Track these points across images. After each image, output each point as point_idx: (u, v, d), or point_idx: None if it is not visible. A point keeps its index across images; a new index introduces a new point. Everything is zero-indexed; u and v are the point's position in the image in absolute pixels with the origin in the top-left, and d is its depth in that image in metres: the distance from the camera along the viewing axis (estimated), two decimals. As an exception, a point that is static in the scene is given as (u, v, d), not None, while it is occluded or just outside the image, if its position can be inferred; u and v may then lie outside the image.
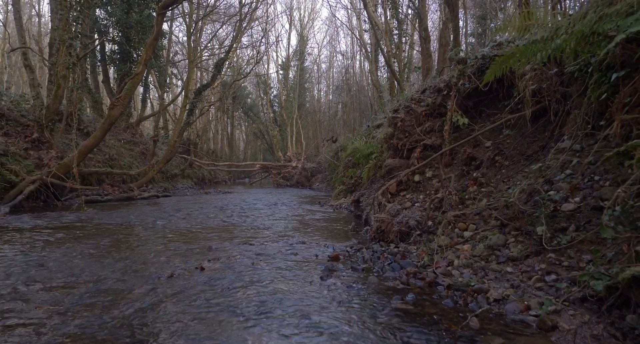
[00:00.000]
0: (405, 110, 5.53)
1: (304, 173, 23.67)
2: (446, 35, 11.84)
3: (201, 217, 6.75)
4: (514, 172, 3.78)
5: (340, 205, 8.93)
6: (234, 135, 43.97)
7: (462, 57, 4.32)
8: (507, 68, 2.74)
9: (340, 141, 21.58)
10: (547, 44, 2.35)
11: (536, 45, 2.41)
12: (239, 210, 8.02)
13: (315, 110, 34.21)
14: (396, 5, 15.91)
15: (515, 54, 2.59)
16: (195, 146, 23.80)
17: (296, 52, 32.17)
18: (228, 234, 4.87)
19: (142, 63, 8.31)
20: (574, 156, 3.02)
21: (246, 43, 28.56)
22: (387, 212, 4.49)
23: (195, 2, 13.84)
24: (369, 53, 18.63)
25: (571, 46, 2.33)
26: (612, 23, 2.09)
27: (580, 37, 2.23)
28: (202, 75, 27.58)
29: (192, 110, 15.49)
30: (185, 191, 15.37)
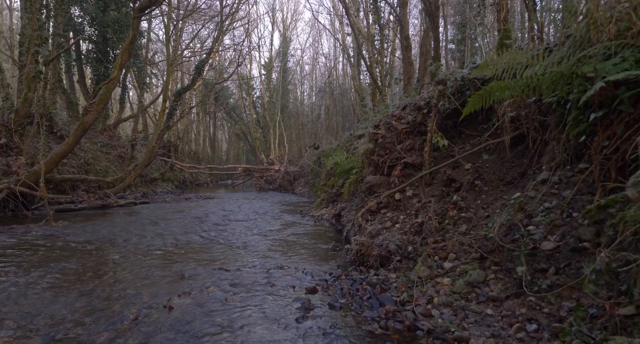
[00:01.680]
0: (385, 126, 5.47)
1: (287, 177, 23.51)
2: (427, 44, 11.89)
3: (178, 231, 6.53)
4: (494, 198, 3.75)
5: (322, 216, 8.83)
6: (217, 136, 43.38)
7: (441, 78, 4.28)
8: (486, 102, 2.68)
9: (323, 145, 21.52)
10: (526, 82, 2.31)
11: (515, 82, 2.37)
12: (218, 222, 7.82)
13: (299, 112, 34.04)
14: (378, 11, 15.92)
15: (494, 88, 2.54)
16: (176, 148, 23.30)
17: (279, 53, 31.93)
18: (204, 254, 4.70)
19: (118, 68, 8.00)
20: (553, 188, 3.00)
21: (228, 44, 28.19)
22: (367, 235, 4.41)
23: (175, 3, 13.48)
24: (352, 58, 18.61)
25: (550, 84, 2.29)
26: (590, 66, 2.06)
27: (559, 77, 2.19)
28: (183, 76, 27.05)
29: (172, 113, 15.13)
30: (165, 197, 14.99)
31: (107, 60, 13.90)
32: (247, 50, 26.45)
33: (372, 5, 15.46)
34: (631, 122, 2.03)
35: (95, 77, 14.18)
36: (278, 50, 32.54)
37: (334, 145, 16.66)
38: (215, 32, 15.90)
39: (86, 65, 14.47)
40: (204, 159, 33.96)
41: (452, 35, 23.64)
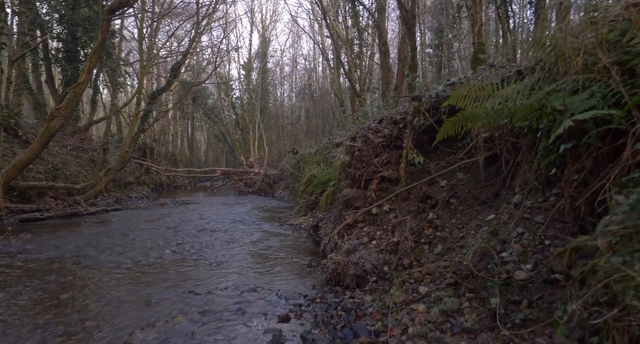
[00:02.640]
0: (362, 139, 5.41)
1: (267, 180, 23.27)
2: (405, 50, 11.97)
3: (150, 244, 6.29)
4: (468, 218, 3.74)
5: (300, 225, 8.72)
6: (195, 137, 42.57)
7: (416, 94, 4.25)
8: (459, 128, 2.65)
9: (302, 149, 21.38)
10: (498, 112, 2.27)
11: (486, 111, 2.33)
12: (193, 233, 7.59)
13: (279, 114, 33.79)
14: (357, 15, 15.93)
15: (467, 116, 2.51)
16: (152, 151, 22.67)
17: (258, 54, 31.59)
18: (174, 273, 4.52)
19: (86, 71, 7.66)
20: (525, 212, 3.00)
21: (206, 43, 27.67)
22: (344, 253, 4.34)
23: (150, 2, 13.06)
24: (331, 61, 18.55)
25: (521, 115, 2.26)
26: (559, 99, 2.03)
27: (530, 108, 2.17)
28: (159, 77, 26.37)
29: (147, 115, 14.69)
30: (139, 202, 14.52)
31: (78, 60, 13.35)
32: (226, 51, 26.02)
33: (350, 10, 15.45)
34: (599, 157, 2.02)
35: (64, 77, 13.58)
36: (257, 51, 32.20)
37: (313, 149, 16.59)
38: (192, 32, 15.51)
39: (54, 64, 13.84)
40: (181, 161, 33.21)
41: (429, 40, 23.95)
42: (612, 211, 1.54)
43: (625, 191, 1.58)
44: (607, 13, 2.01)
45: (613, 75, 1.88)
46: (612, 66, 1.99)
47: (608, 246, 1.42)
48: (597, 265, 1.46)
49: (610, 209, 1.57)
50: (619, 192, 1.64)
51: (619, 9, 2.00)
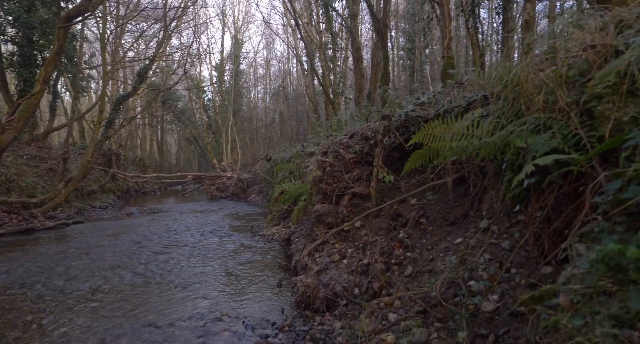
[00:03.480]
0: (334, 154, 5.35)
1: (240, 184, 22.89)
2: (377, 56, 12.04)
3: (111, 264, 5.97)
4: (438, 238, 3.74)
5: (272, 236, 8.57)
6: (165, 140, 41.38)
7: (386, 114, 4.22)
8: (426, 160, 2.61)
9: (277, 152, 21.15)
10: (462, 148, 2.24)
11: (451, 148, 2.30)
12: (159, 249, 7.29)
13: (252, 116, 33.34)
14: (330, 20, 15.91)
15: (434, 150, 2.47)
16: (118, 157, 21.78)
17: (231, 56, 31.07)
18: (135, 301, 4.28)
19: (41, 81, 7.21)
20: (492, 237, 3.00)
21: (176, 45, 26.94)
22: (314, 275, 4.25)
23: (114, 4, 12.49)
24: (305, 63, 18.45)
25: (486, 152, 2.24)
26: (522, 139, 2.02)
27: (494, 146, 2.15)
28: (126, 78, 25.43)
29: (112, 122, 14.08)
30: (104, 213, 13.86)
31: (34, 65, 12.61)
32: (197, 54, 25.41)
33: (323, 15, 15.41)
34: (561, 196, 2.02)
35: (20, 83, 12.79)
36: (230, 52, 31.64)
37: (287, 154, 16.42)
38: (160, 35, 14.98)
39: (8, 69, 13.02)
40: (150, 166, 32.16)
41: (402, 44, 24.29)
42: (572, 263, 1.52)
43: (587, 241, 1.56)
44: (567, 53, 2.01)
45: (572, 117, 1.87)
46: (571, 106, 1.99)
47: (570, 305, 1.39)
48: (559, 323, 1.43)
49: (571, 261, 1.55)
50: (579, 241, 1.63)
51: (577, 50, 2.01)
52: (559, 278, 1.57)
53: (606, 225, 1.44)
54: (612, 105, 1.85)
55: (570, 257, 1.60)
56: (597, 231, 1.46)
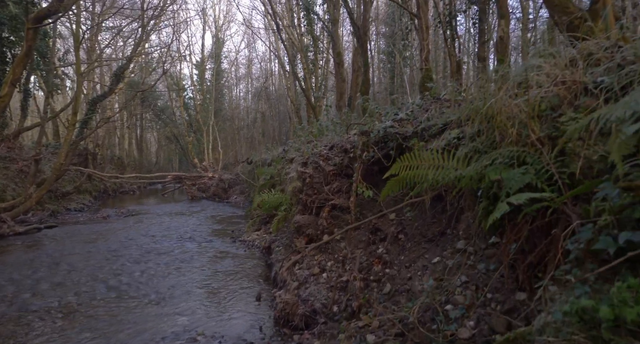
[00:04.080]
0: (313, 166, 5.32)
1: (221, 184, 22.62)
2: (358, 61, 12.06)
3: (83, 275, 5.77)
4: (416, 255, 3.76)
5: (253, 242, 8.48)
6: (144, 138, 40.44)
7: (365, 130, 4.23)
8: (404, 186, 2.62)
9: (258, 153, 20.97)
10: (439, 178, 2.26)
11: (428, 175, 2.31)
12: (135, 257, 7.10)
13: (234, 116, 32.95)
14: (311, 23, 15.84)
15: (411, 177, 2.48)
16: (95, 157, 21.14)
17: (212, 55, 30.59)
18: (105, 320, 4.15)
19: (9, 83, 6.89)
20: (469, 259, 3.04)
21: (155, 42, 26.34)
22: (293, 292, 4.21)
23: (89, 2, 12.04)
24: (286, 65, 18.34)
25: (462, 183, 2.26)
26: (496, 172, 2.04)
27: (469, 179, 2.16)
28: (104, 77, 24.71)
29: (87, 122, 13.65)
30: (79, 216, 13.42)
31: (3, 62, 12.08)
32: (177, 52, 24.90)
33: (305, 18, 15.33)
34: (535, 229, 2.05)
35: (-12, 80, 12.21)
36: (211, 51, 31.15)
37: (269, 155, 16.29)
38: (138, 32, 14.57)
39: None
40: (129, 164, 31.37)
41: (383, 47, 24.44)
42: (547, 309, 1.54)
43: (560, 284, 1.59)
44: (539, 88, 2.04)
45: (544, 155, 1.90)
46: (544, 140, 2.02)
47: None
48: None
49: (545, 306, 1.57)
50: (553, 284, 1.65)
51: (548, 85, 2.03)
52: (533, 321, 1.59)
53: (578, 273, 1.47)
54: (582, 143, 1.89)
55: (543, 300, 1.62)
56: (569, 277, 1.48)
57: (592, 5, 2.91)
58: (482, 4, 8.24)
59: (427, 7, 6.63)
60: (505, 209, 1.76)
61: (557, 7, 3.10)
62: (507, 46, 5.30)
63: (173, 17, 18.28)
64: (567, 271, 1.52)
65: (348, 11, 8.79)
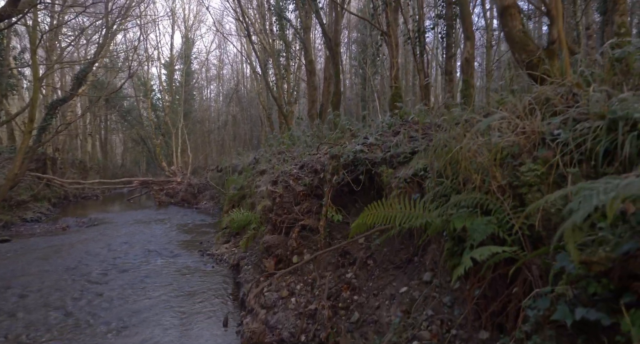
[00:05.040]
0: (283, 185, 5.25)
1: (190, 189, 22.08)
2: (329, 69, 12.10)
3: (36, 300, 5.42)
4: (384, 282, 3.78)
5: (222, 256, 8.29)
6: (109, 140, 38.80)
7: (335, 153, 4.21)
8: (371, 225, 2.61)
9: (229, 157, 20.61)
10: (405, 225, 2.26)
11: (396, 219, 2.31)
12: (95, 277, 6.74)
13: (204, 118, 32.23)
14: (283, 28, 15.74)
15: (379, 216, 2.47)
16: (54, 162, 20.05)
17: (181, 56, 29.80)
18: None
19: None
20: (434, 291, 3.07)
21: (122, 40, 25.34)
22: (261, 319, 4.13)
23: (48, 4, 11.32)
24: (258, 70, 18.12)
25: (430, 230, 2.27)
26: (461, 221, 2.06)
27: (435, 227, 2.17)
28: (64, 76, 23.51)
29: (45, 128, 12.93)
30: (35, 228, 12.63)
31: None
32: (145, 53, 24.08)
33: (277, 23, 15.20)
34: (497, 277, 2.08)
35: None
36: (180, 51, 30.33)
37: (240, 161, 16.04)
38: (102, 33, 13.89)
39: None
40: (93, 168, 29.96)
41: (355, 53, 24.65)
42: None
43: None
44: (501, 137, 2.07)
45: (505, 205, 1.93)
46: (505, 188, 2.05)
47: None
48: None
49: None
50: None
51: (509, 134, 2.07)
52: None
53: (538, 340, 1.49)
54: (540, 195, 1.93)
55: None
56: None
57: (549, 45, 3.03)
58: (449, 21, 8.47)
59: (397, 25, 6.71)
60: (468, 264, 1.77)
61: (517, 44, 3.21)
62: (473, 67, 5.45)
63: (140, 16, 17.60)
64: (528, 334, 1.54)
65: (320, 22, 8.77)
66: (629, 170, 1.69)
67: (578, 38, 8.74)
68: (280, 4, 14.78)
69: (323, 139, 7.79)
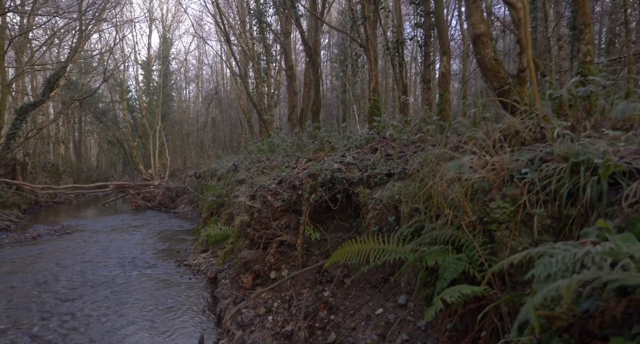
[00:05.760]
0: (261, 200, 5.20)
1: (168, 193, 21.69)
2: (310, 74, 12.09)
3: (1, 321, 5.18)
4: (360, 302, 3.79)
5: (199, 267, 8.15)
6: (82, 142, 37.54)
7: (313, 172, 4.20)
8: (349, 258, 2.61)
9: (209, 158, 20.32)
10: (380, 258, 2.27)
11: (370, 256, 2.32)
12: (66, 294, 6.49)
13: (183, 120, 31.66)
14: (263, 31, 15.63)
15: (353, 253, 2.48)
16: (25, 167, 19.24)
17: (159, 56, 29.17)
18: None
19: None
20: (409, 314, 3.10)
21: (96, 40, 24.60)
22: (237, 341, 4.07)
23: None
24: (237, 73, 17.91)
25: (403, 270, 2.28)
26: (433, 259, 2.08)
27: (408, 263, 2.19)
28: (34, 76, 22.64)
29: (15, 134, 12.42)
30: (4, 237, 12.08)
31: None
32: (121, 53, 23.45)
33: (257, 26, 15.07)
34: (467, 312, 2.11)
35: None
36: (158, 51, 29.69)
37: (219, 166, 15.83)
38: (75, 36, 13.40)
39: None
40: (66, 171, 28.96)
41: (335, 55, 24.71)
42: None
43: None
44: (471, 175, 2.11)
45: (475, 244, 1.96)
46: (476, 223, 2.09)
47: None
48: None
49: None
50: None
51: (480, 171, 2.11)
52: None
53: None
54: (508, 232, 1.96)
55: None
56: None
57: (519, 73, 3.11)
58: (427, 31, 8.60)
59: (376, 39, 6.77)
60: (439, 307, 1.79)
61: (489, 71, 3.28)
62: (449, 81, 5.55)
63: (115, 17, 17.12)
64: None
65: (300, 30, 8.72)
66: (591, 213, 1.75)
67: (550, 51, 9.05)
68: (260, 8, 14.68)
69: (303, 147, 7.78)
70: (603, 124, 2.21)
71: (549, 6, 9.82)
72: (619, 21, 10.66)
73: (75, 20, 11.46)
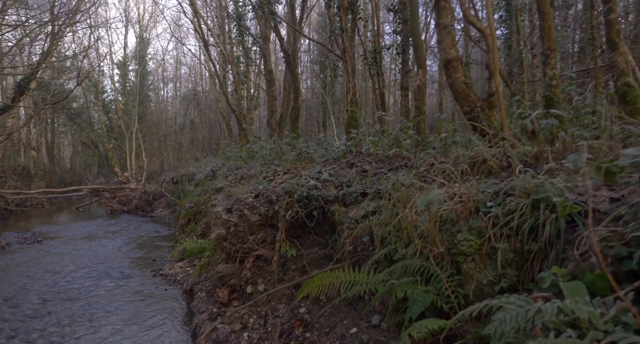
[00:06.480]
0: (238, 214, 5.16)
1: (145, 197, 21.24)
2: (288, 79, 12.06)
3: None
4: (335, 320, 3.80)
5: (176, 277, 8.01)
6: (55, 144, 36.24)
7: (289, 189, 4.19)
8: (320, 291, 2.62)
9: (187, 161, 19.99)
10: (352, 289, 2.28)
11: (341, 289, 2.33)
12: (34, 309, 6.26)
13: (160, 121, 31.01)
14: (242, 34, 15.49)
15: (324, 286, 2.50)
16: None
17: (135, 56, 28.48)
18: None
19: None
20: (382, 334, 3.13)
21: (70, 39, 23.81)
22: (211, 360, 4.02)
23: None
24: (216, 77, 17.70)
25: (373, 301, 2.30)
26: (402, 291, 2.11)
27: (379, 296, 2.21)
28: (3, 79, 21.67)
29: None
30: (-31, 246, 11.53)
31: None
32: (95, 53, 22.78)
33: (236, 29, 14.90)
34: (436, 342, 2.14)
35: None
36: (134, 51, 28.98)
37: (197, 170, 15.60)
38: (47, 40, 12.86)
39: None
40: (38, 174, 27.90)
41: (316, 57, 24.69)
42: None
43: None
44: (439, 206, 2.14)
45: (442, 279, 1.99)
46: (444, 254, 2.12)
47: None
48: None
49: None
50: None
51: (449, 202, 2.15)
52: None
53: None
54: (474, 264, 2.01)
55: None
56: None
57: (489, 97, 3.20)
58: (404, 39, 8.71)
59: (353, 49, 6.82)
60: (407, 342, 1.82)
61: (460, 95, 3.36)
62: (425, 94, 5.64)
63: (90, 17, 16.56)
64: None
65: (279, 38, 8.68)
66: (550, 250, 1.81)
67: (522, 63, 9.33)
68: (239, 11, 14.53)
69: (282, 155, 7.76)
70: (565, 154, 2.30)
71: (520, 17, 10.12)
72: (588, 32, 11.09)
73: (47, 24, 11.00)
